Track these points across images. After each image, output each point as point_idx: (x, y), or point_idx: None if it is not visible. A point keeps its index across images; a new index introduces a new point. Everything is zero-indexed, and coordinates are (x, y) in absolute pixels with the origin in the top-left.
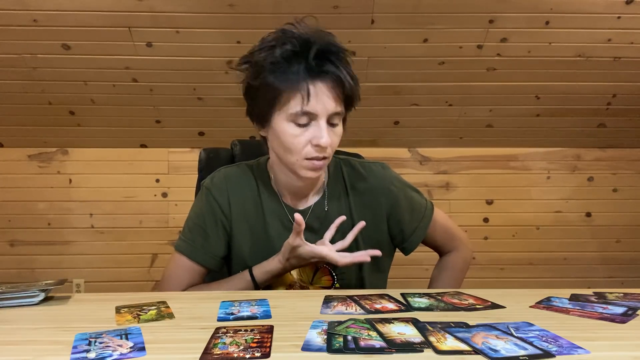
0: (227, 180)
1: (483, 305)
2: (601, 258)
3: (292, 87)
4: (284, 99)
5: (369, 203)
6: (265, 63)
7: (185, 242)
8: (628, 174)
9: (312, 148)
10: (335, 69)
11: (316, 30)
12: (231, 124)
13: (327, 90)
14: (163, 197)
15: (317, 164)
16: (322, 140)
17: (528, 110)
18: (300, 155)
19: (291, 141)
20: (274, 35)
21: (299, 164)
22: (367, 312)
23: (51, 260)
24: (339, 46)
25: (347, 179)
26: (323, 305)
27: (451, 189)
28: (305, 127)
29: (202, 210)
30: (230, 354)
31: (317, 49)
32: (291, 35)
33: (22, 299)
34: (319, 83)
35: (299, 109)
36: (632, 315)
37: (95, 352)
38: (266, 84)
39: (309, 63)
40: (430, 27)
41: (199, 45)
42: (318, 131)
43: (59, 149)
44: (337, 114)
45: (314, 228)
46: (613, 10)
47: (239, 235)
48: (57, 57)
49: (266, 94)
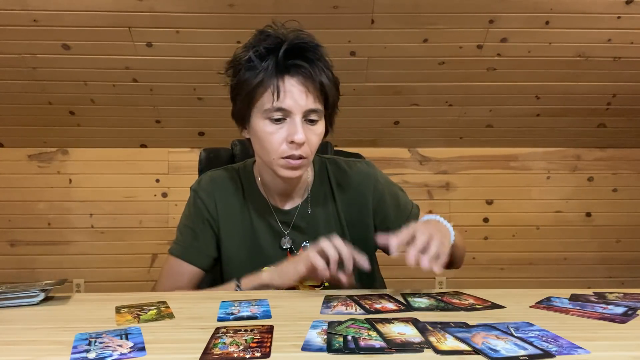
0: (213, 183)
1: (483, 305)
2: (601, 258)
3: (263, 83)
4: (258, 95)
5: (354, 200)
6: (241, 62)
7: (177, 244)
8: (628, 174)
9: (287, 146)
10: (305, 64)
11: (293, 30)
12: (231, 124)
13: (299, 86)
14: (163, 197)
15: (293, 162)
16: (295, 136)
17: (528, 110)
18: (277, 153)
19: (267, 139)
20: (252, 36)
21: (276, 163)
22: (367, 312)
23: (51, 260)
24: (311, 43)
25: (333, 177)
26: (323, 305)
27: (451, 189)
28: (280, 124)
29: (191, 212)
30: (230, 354)
31: (288, 45)
32: (267, 35)
33: (22, 299)
34: (289, 78)
35: (271, 105)
36: (632, 315)
37: (95, 352)
38: (241, 81)
39: (279, 59)
40: (430, 27)
41: (199, 45)
42: (293, 127)
43: (59, 149)
44: (313, 111)
45: (300, 227)
46: (613, 10)
47: (226, 236)
48: (57, 57)
49: (242, 92)
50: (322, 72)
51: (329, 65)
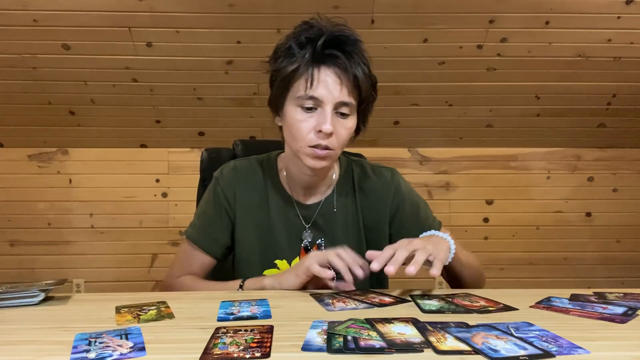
0: (235, 173)
1: (495, 307)
2: (601, 258)
3: (299, 70)
4: (292, 83)
5: (374, 205)
6: (282, 49)
7: (192, 228)
8: (628, 174)
9: (315, 135)
10: (343, 56)
11: (337, 24)
12: (231, 124)
13: (333, 76)
14: (163, 197)
15: (319, 152)
16: (324, 126)
17: (528, 110)
18: (305, 141)
19: (297, 126)
20: (295, 26)
21: (303, 151)
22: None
23: (51, 260)
24: (351, 36)
25: (357, 179)
26: (320, 303)
27: (451, 189)
28: (310, 113)
29: (209, 199)
30: (230, 354)
31: (327, 36)
32: (310, 25)
33: (22, 299)
34: (324, 68)
35: (304, 92)
36: (632, 315)
37: (95, 352)
38: (279, 68)
39: (316, 48)
40: (430, 27)
41: (199, 45)
42: (322, 117)
43: (59, 149)
44: (344, 104)
45: (319, 224)
46: (613, 10)
47: (242, 227)
48: (57, 57)
49: (279, 79)
50: (358, 66)
51: (367, 61)
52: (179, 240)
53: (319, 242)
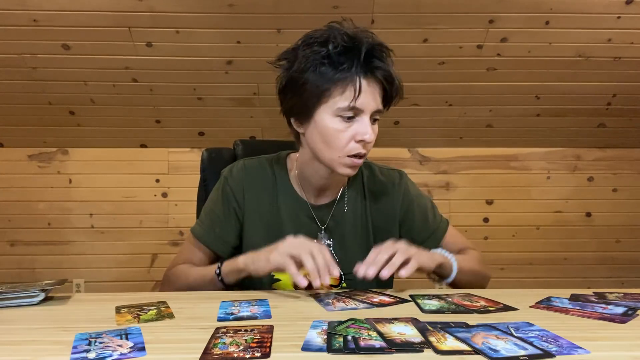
0: (245, 172)
1: (495, 307)
2: (601, 258)
3: (344, 81)
4: (334, 93)
5: (383, 207)
6: (316, 57)
7: (199, 225)
8: (628, 174)
9: (356, 144)
10: (385, 66)
11: (363, 30)
12: (231, 124)
13: (375, 86)
14: (163, 197)
15: (357, 161)
16: (366, 136)
17: (528, 110)
18: (343, 152)
19: (336, 136)
20: (321, 31)
21: (339, 161)
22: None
23: (51, 260)
24: (386, 45)
25: (366, 181)
26: (320, 303)
27: (451, 189)
28: (349, 123)
29: (218, 197)
30: (230, 354)
31: (369, 46)
32: (341, 32)
33: (22, 299)
34: (370, 79)
35: (347, 103)
36: (632, 315)
37: (95, 352)
38: (315, 78)
39: (361, 59)
40: (430, 27)
41: (199, 45)
42: (362, 127)
43: (59, 149)
44: (379, 112)
45: (329, 227)
46: (613, 10)
47: (250, 226)
48: (57, 57)
49: (314, 88)
50: (394, 76)
51: (394, 69)
52: (179, 240)
53: (327, 243)
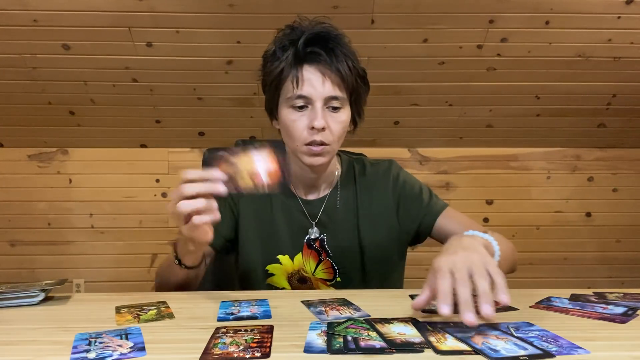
0: None
1: (495, 308)
2: (601, 258)
3: (284, 72)
4: (281, 85)
5: (376, 198)
6: (267, 55)
7: None
8: (628, 174)
9: (309, 132)
10: (322, 52)
11: (319, 23)
12: (231, 124)
13: (317, 73)
14: (163, 197)
15: (315, 149)
16: (315, 122)
17: (528, 110)
18: (300, 140)
19: (291, 126)
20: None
21: (300, 150)
22: (364, 314)
23: (51, 260)
24: (332, 32)
25: (357, 175)
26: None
27: (451, 189)
28: (302, 112)
29: None
30: (230, 354)
31: (307, 35)
32: (291, 28)
33: (22, 299)
34: (307, 67)
35: (292, 92)
36: (632, 315)
37: (95, 352)
38: (267, 73)
39: (297, 49)
40: (430, 27)
41: (199, 45)
42: (313, 114)
43: (59, 149)
44: (334, 98)
45: (322, 221)
46: (613, 10)
47: (245, 221)
48: (57, 57)
49: (268, 83)
50: (343, 60)
51: (350, 54)
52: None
53: (321, 238)
